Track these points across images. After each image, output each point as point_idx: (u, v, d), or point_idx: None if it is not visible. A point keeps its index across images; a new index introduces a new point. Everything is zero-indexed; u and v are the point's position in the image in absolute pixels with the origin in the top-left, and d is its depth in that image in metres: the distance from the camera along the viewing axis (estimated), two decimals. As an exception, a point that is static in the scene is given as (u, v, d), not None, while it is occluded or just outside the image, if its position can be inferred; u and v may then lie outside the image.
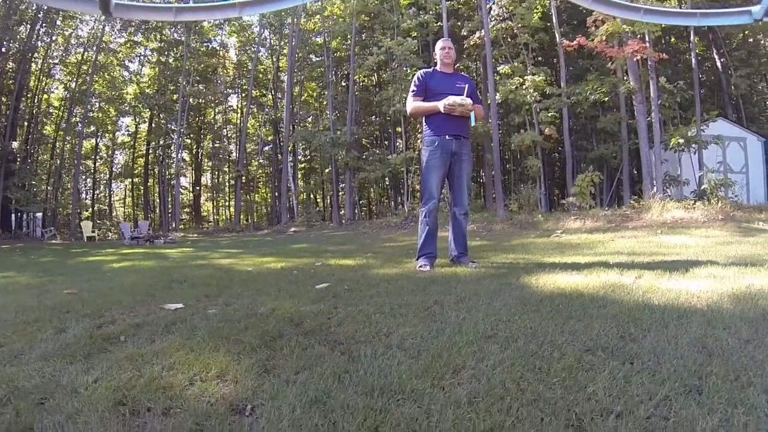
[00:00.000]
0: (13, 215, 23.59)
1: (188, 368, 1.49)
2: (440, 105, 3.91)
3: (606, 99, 14.92)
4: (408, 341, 1.67)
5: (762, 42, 21.02)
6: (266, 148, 31.58)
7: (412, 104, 4.15)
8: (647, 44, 11.88)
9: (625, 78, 13.71)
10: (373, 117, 25.80)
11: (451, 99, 3.88)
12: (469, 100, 3.90)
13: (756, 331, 1.72)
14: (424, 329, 1.82)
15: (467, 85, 4.06)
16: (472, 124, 4.00)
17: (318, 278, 3.46)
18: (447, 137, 4.01)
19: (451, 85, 4.07)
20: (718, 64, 19.98)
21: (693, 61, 15.88)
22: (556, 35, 15.97)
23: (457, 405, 1.14)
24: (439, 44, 4.27)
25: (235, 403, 1.22)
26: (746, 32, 19.55)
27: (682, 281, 2.77)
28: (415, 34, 18.38)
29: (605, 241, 6.27)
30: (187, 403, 1.21)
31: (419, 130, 14.86)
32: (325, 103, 25.92)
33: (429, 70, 4.33)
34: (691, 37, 15.96)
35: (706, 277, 2.87)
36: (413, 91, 4.15)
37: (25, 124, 24.73)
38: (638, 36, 11.95)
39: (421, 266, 3.89)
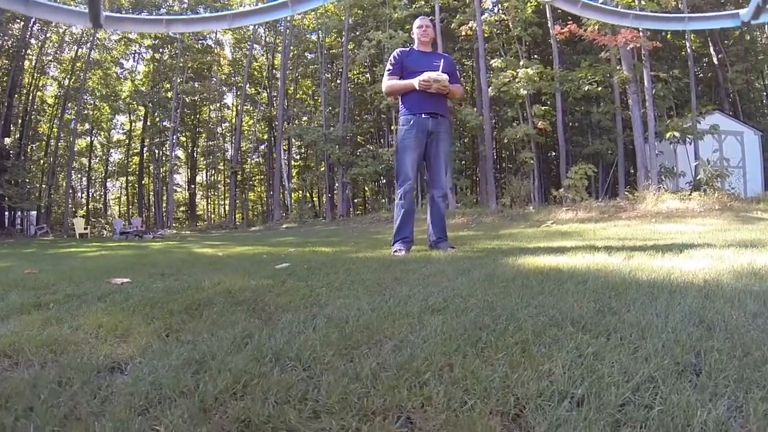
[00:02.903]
0: (6, 213, 23.42)
1: (95, 329, 1.43)
2: (415, 82, 3.74)
3: (599, 89, 14.70)
4: (341, 312, 1.48)
5: (758, 38, 20.86)
6: (262, 147, 31.40)
7: (387, 83, 3.98)
8: (641, 33, 11.68)
9: (618, 68, 13.51)
10: (368, 116, 25.63)
11: (426, 75, 3.69)
12: (444, 76, 3.71)
13: (764, 305, 1.44)
14: (367, 302, 1.61)
15: (442, 60, 3.89)
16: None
17: (285, 261, 3.28)
18: (423, 115, 3.82)
19: (428, 63, 3.89)
20: (715, 60, 19.82)
21: (688, 51, 15.70)
22: (550, 29, 15.77)
23: (355, 378, 0.94)
24: (417, 23, 4.11)
25: (118, 361, 1.15)
26: (743, 28, 19.37)
27: (675, 260, 2.52)
28: (409, 27, 18.18)
29: (596, 230, 6.08)
30: (66, 358, 1.16)
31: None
32: (319, 100, 25.74)
33: (406, 49, 4.17)
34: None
35: (702, 257, 2.61)
36: (389, 70, 3.98)
37: (19, 121, 24.50)
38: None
39: (396, 251, 3.71)
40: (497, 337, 1.18)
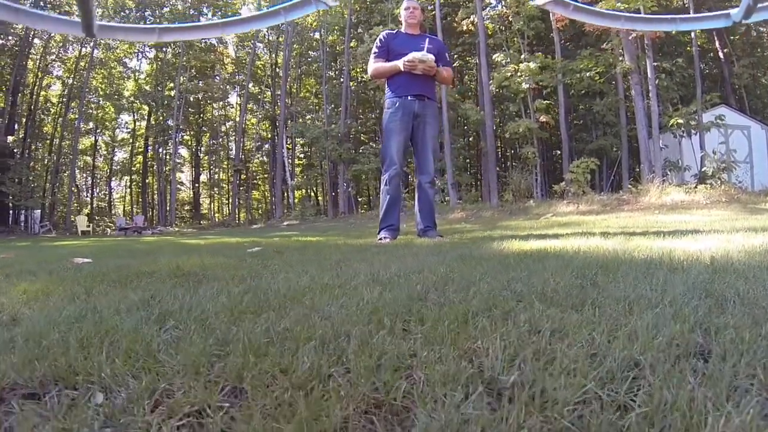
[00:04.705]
0: (11, 212, 23.55)
1: (22, 293, 1.41)
2: (400, 63, 3.60)
3: (601, 80, 14.44)
4: (272, 283, 1.33)
5: (765, 33, 20.52)
6: (266, 146, 31.37)
7: (372, 65, 3.83)
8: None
9: (621, 59, 13.28)
10: (371, 114, 25.52)
11: (411, 55, 3.56)
12: (431, 56, 3.57)
13: None
14: (311, 276, 1.45)
15: (427, 39, 3.75)
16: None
17: (265, 259, 3.15)
18: (409, 98, 3.68)
19: (416, 45, 3.74)
20: (720, 54, 19.52)
21: (693, 42, 15.44)
22: (552, 21, 15.55)
23: (221, 341, 0.78)
24: (404, 4, 3.98)
25: (14, 317, 1.10)
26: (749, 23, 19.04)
27: (678, 242, 2.28)
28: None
29: (596, 221, 5.88)
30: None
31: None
32: (322, 98, 25.68)
33: (393, 31, 4.04)
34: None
35: (709, 240, 2.36)
36: (375, 52, 3.84)
37: (23, 120, 24.61)
38: (633, 9, 11.46)
39: (381, 239, 3.55)
40: (433, 310, 0.97)
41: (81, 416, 0.52)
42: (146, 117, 30.16)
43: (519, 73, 14.13)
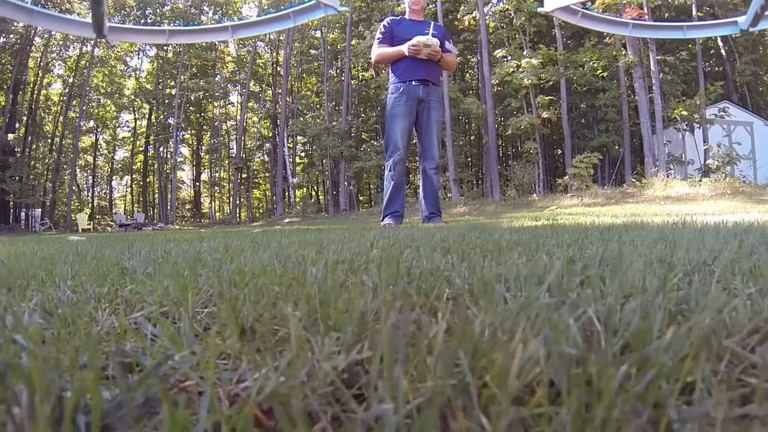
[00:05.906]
0: (12, 210, 23.52)
1: (6, 253, 1.35)
2: (404, 47, 3.57)
3: (604, 74, 14.37)
4: (277, 240, 1.26)
5: (766, 31, 20.44)
6: (267, 144, 31.33)
7: (376, 51, 3.81)
8: (646, 12, 11.34)
9: (623, 52, 13.21)
10: (373, 113, 25.49)
11: (416, 39, 3.53)
12: (435, 41, 3.55)
13: None
14: (315, 236, 1.39)
15: (431, 24, 3.73)
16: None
17: (268, 233, 3.09)
18: (413, 83, 3.65)
19: (420, 31, 3.73)
20: (723, 52, 19.47)
21: (695, 38, 15.37)
22: (554, 19, 15.49)
23: (228, 265, 0.71)
24: None
25: None
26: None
27: (695, 218, 2.28)
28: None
29: (603, 211, 5.84)
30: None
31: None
32: (324, 97, 25.63)
33: (397, 18, 4.01)
34: (694, 13, 15.43)
35: (725, 217, 2.36)
36: (378, 38, 3.83)
37: (24, 118, 24.57)
38: (636, 3, 11.37)
39: (385, 225, 3.49)
40: (459, 247, 0.90)
41: (11, 309, 0.45)
42: (147, 115, 30.09)
43: (521, 69, 14.08)
